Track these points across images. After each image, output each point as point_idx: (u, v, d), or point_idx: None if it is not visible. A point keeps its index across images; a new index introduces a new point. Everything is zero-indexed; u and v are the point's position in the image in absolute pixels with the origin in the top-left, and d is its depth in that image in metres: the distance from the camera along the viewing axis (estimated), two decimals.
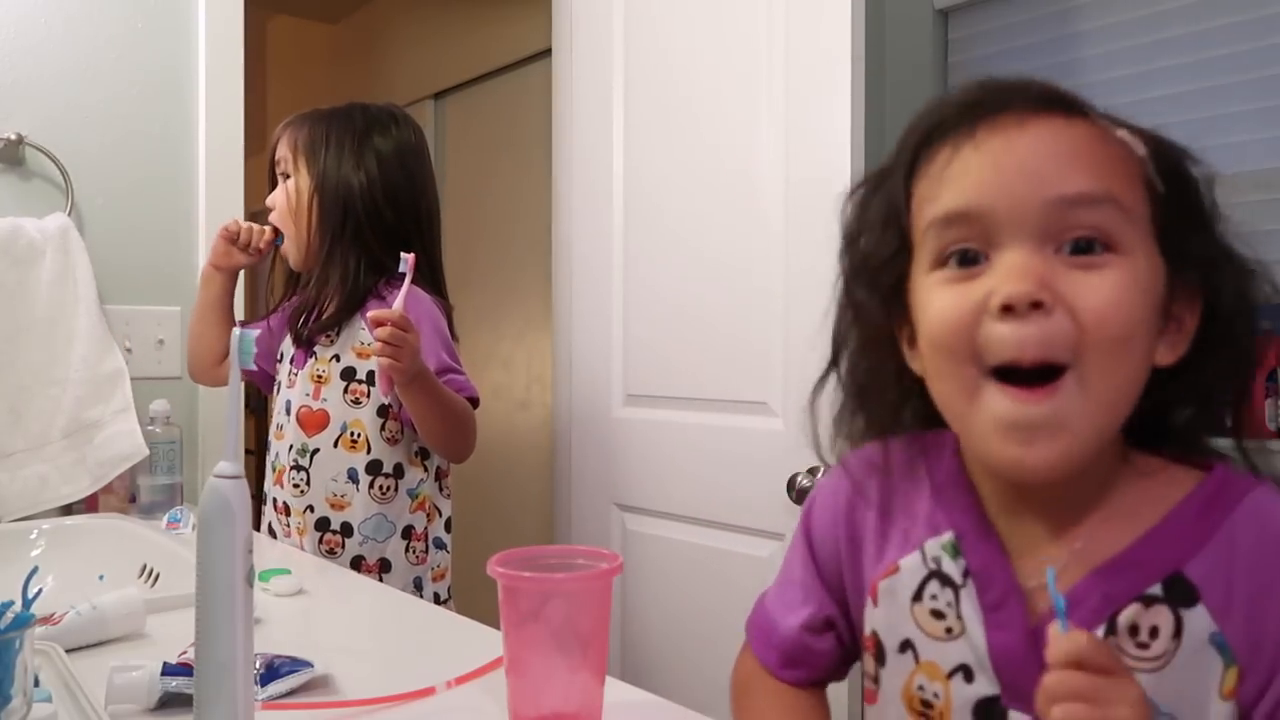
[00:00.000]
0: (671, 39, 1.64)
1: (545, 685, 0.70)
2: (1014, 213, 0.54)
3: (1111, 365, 0.53)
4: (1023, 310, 0.53)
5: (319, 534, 1.34)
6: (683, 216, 1.60)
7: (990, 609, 0.59)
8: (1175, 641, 0.54)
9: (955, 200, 0.57)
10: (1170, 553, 0.55)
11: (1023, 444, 0.54)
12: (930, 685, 0.61)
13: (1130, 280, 0.54)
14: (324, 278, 1.35)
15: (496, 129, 2.89)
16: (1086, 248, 0.54)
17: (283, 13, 3.94)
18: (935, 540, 0.63)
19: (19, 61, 1.61)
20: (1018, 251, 0.54)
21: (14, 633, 0.58)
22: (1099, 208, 0.54)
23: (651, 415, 1.67)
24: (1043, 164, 0.55)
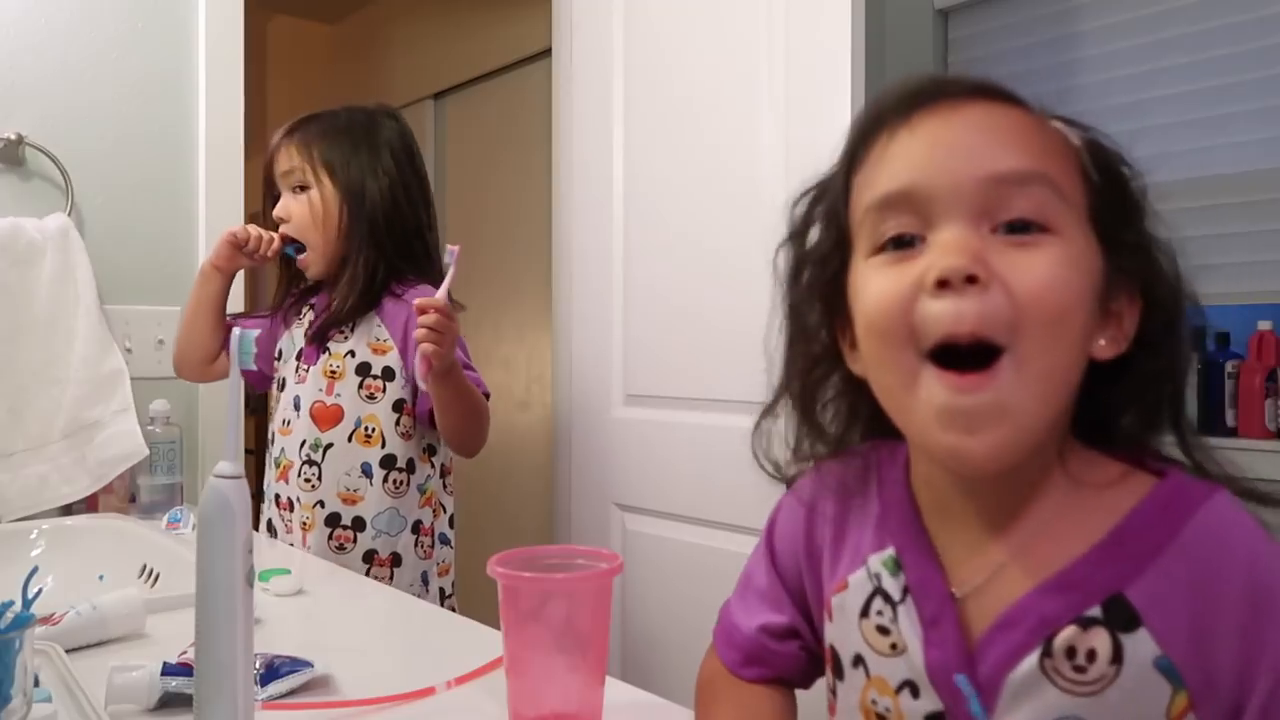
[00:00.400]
0: (671, 39, 1.64)
1: (545, 685, 0.70)
2: (949, 190, 0.54)
3: (1048, 344, 0.52)
4: (958, 284, 0.52)
5: (329, 529, 1.35)
6: (683, 216, 1.60)
7: (927, 625, 0.58)
8: (1114, 666, 0.52)
9: (891, 182, 0.56)
10: (1112, 572, 0.53)
11: (964, 432, 0.53)
12: (882, 700, 0.61)
13: (1066, 259, 0.53)
14: (346, 280, 1.38)
15: (496, 129, 2.89)
16: (1022, 228, 0.53)
17: (283, 13, 3.94)
18: (877, 556, 0.62)
19: (19, 61, 1.61)
20: (954, 229, 0.54)
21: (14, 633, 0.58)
22: (1034, 187, 0.54)
23: (651, 415, 1.67)
24: (977, 142, 0.55)
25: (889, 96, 0.59)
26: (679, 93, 1.62)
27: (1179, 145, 1.71)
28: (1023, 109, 0.58)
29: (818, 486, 0.69)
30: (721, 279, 1.52)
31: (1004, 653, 0.55)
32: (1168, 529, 0.53)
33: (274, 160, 1.40)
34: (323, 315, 1.39)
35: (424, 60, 3.21)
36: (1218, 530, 0.53)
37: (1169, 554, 0.53)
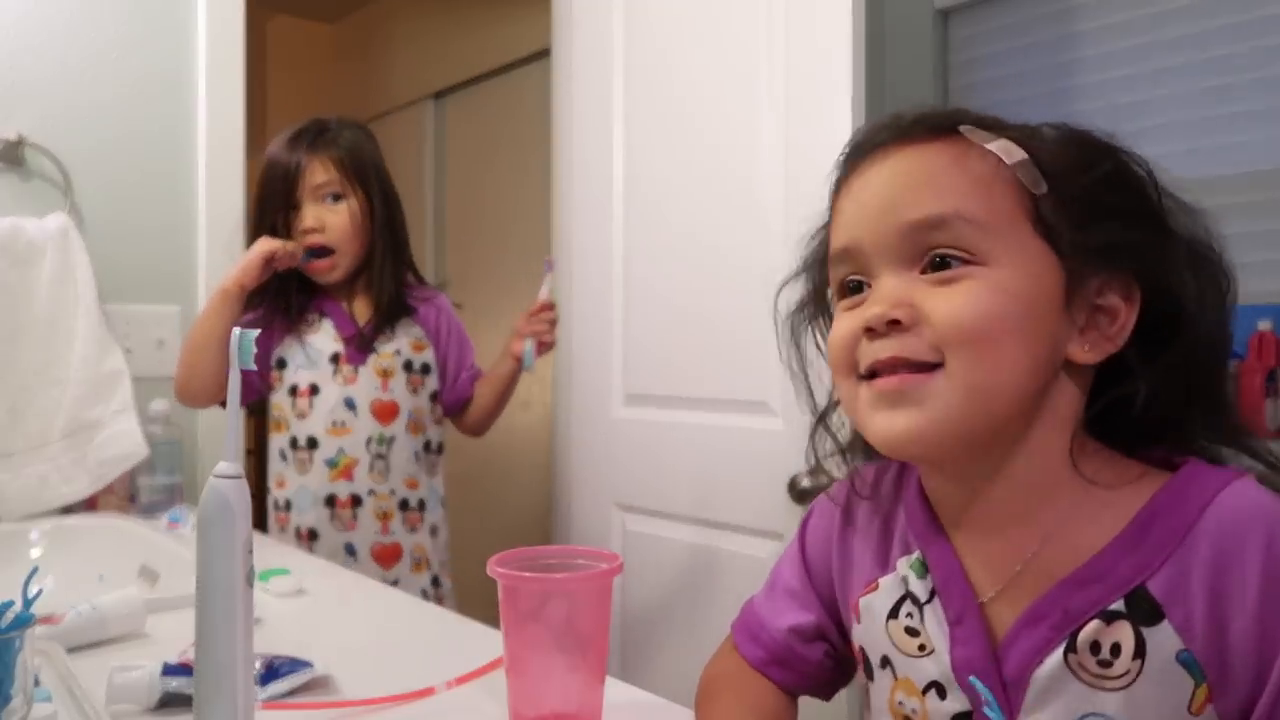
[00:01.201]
0: (671, 39, 1.64)
1: (545, 685, 0.70)
2: (876, 245, 0.60)
3: (975, 364, 0.56)
4: (882, 330, 0.58)
5: (403, 513, 1.48)
6: (683, 216, 1.60)
7: (953, 624, 0.60)
8: (1138, 660, 0.53)
9: (839, 239, 0.63)
10: (1133, 565, 0.54)
11: (888, 411, 0.58)
12: (909, 701, 0.62)
13: (988, 288, 0.56)
14: (376, 285, 1.50)
15: (496, 129, 2.89)
16: (943, 264, 0.58)
17: (283, 13, 3.94)
18: (905, 559, 0.65)
19: (19, 61, 1.61)
20: (885, 278, 0.60)
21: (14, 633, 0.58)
22: (947, 227, 0.57)
23: (651, 415, 1.67)
24: (893, 195, 0.60)
25: (848, 146, 0.65)
26: (679, 92, 1.62)
27: (1179, 145, 1.71)
28: (944, 143, 0.60)
29: (852, 490, 0.71)
30: (721, 278, 1.52)
31: (1029, 649, 0.56)
32: (1185, 519, 0.54)
33: (302, 172, 1.44)
34: (369, 322, 1.49)
35: (424, 60, 3.21)
36: (1235, 516, 0.53)
37: (1188, 544, 0.53)
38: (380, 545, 1.46)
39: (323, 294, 1.50)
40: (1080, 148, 0.60)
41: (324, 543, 1.45)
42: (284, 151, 1.46)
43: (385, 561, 1.46)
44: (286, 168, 1.45)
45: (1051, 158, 0.59)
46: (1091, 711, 0.54)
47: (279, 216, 1.46)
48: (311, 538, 1.44)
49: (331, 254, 1.46)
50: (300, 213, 1.45)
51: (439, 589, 1.52)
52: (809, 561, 0.73)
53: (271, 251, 1.40)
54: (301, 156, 1.45)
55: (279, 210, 1.45)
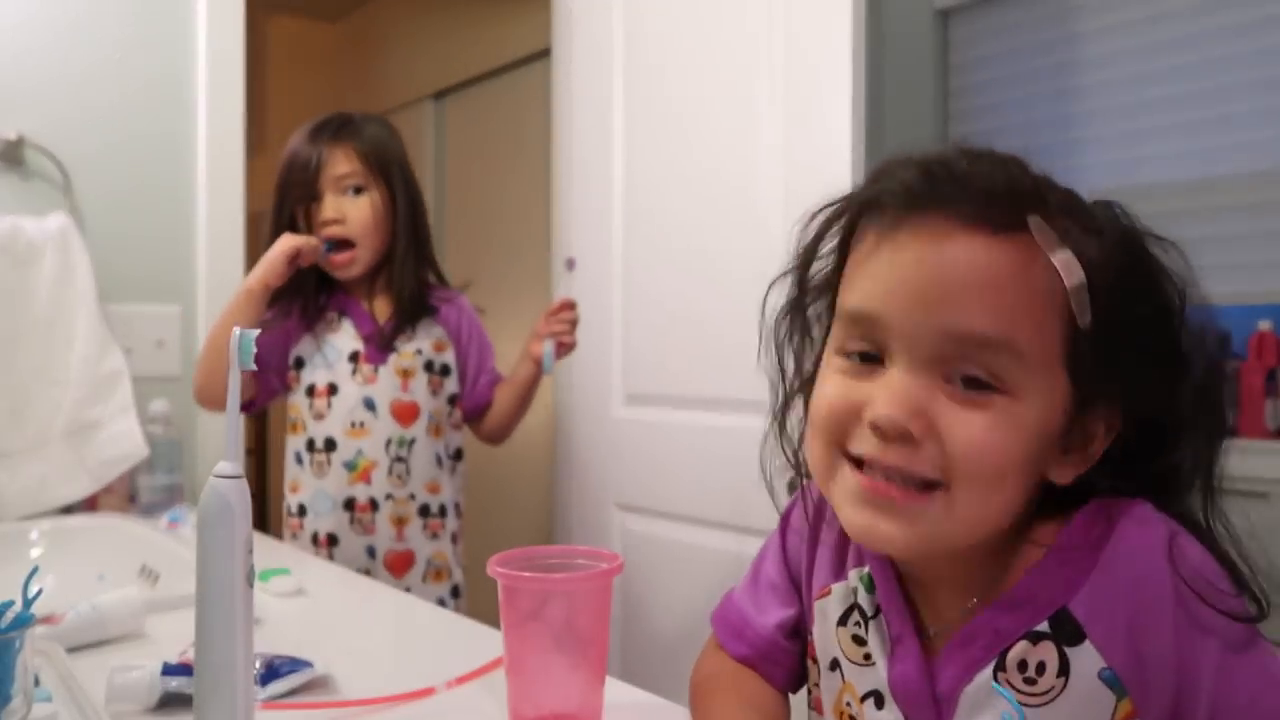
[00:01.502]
0: (671, 39, 1.64)
1: (545, 685, 0.70)
2: (907, 334, 0.55)
3: (979, 493, 0.54)
4: (891, 437, 0.54)
5: (423, 519, 1.43)
6: (683, 216, 1.60)
7: (893, 641, 0.62)
8: (1062, 678, 0.54)
9: (860, 301, 0.57)
10: (1055, 588, 0.56)
11: (871, 513, 0.56)
12: (852, 704, 0.64)
13: (1010, 423, 0.54)
14: (397, 283, 1.45)
15: (496, 129, 2.89)
16: (973, 384, 0.54)
17: (283, 13, 3.94)
18: (856, 571, 0.66)
19: (20, 61, 1.61)
20: (904, 371, 0.55)
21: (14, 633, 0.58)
22: (994, 352, 0.53)
23: (651, 415, 1.67)
24: (948, 292, 0.53)
25: (896, 179, 0.58)
26: (678, 92, 1.62)
27: (1179, 145, 1.71)
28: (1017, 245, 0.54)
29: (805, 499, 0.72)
30: (721, 279, 1.52)
31: (960, 668, 0.58)
32: (1094, 543, 0.56)
33: (324, 163, 1.40)
34: (390, 320, 1.44)
35: (424, 60, 3.21)
36: (1137, 539, 0.55)
37: (1100, 567, 0.55)
38: (393, 552, 1.41)
39: (342, 292, 1.46)
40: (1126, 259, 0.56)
41: (345, 548, 1.40)
42: (306, 143, 1.42)
43: (397, 569, 1.42)
44: (308, 158, 1.41)
45: (1099, 274, 0.54)
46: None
47: (299, 208, 1.42)
48: (331, 543, 1.40)
49: (351, 247, 1.41)
50: (320, 204, 1.41)
51: (459, 600, 1.48)
52: (789, 554, 0.74)
53: (295, 248, 1.36)
54: (323, 147, 1.41)
55: (299, 201, 1.42)
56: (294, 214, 1.42)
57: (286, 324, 1.44)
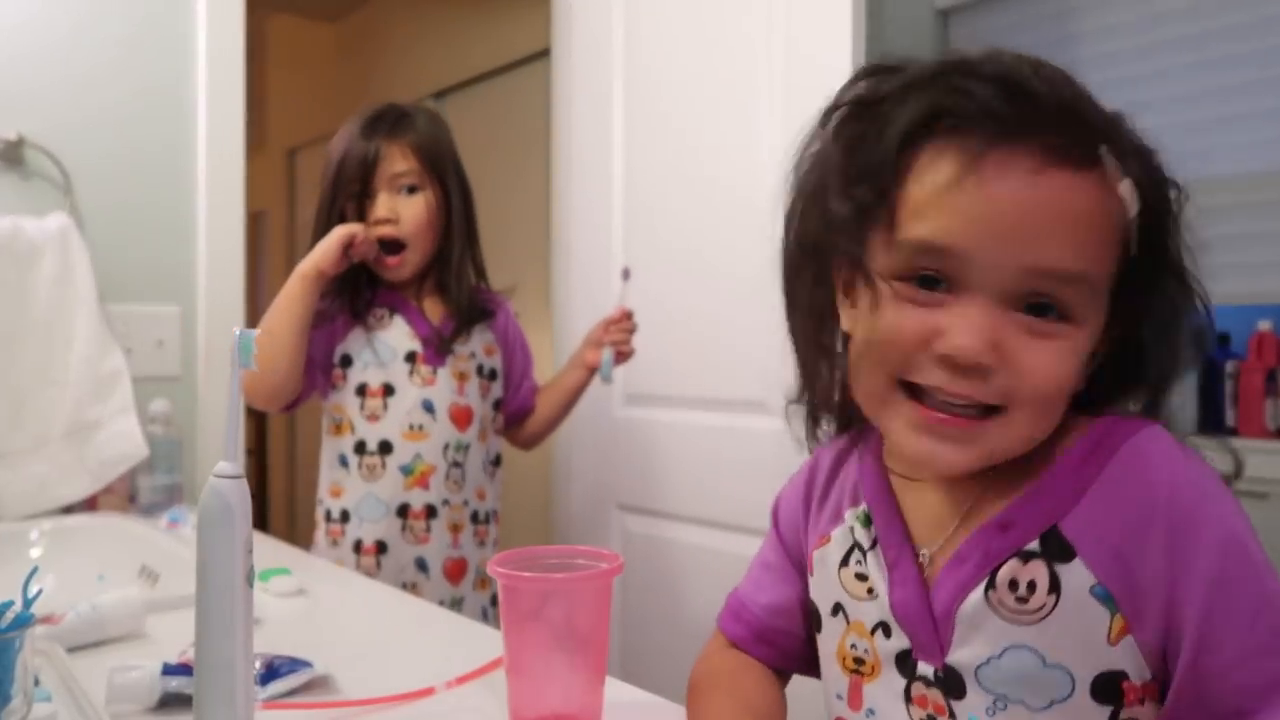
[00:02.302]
0: (670, 39, 1.64)
1: (545, 685, 0.70)
2: (991, 269, 0.55)
3: (1038, 416, 0.57)
4: (965, 370, 0.55)
5: (474, 526, 1.41)
6: (682, 216, 1.60)
7: (890, 568, 0.63)
8: (1053, 595, 0.56)
9: (938, 233, 0.55)
10: (1047, 508, 0.57)
11: (934, 441, 0.57)
12: (860, 643, 0.65)
13: (1072, 350, 0.56)
14: (459, 285, 1.42)
15: (496, 129, 2.89)
16: (1041, 310, 0.55)
17: (283, 12, 3.94)
18: (852, 511, 0.68)
19: (20, 61, 1.61)
20: (980, 303, 0.55)
21: (14, 633, 0.58)
22: (1073, 285, 0.55)
23: (651, 415, 1.67)
24: (1039, 229, 0.54)
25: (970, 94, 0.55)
26: (678, 92, 1.62)
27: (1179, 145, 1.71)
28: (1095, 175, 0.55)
29: (817, 459, 0.74)
30: (721, 278, 1.52)
31: (953, 588, 0.59)
32: (1097, 463, 0.57)
33: (380, 160, 1.35)
34: (448, 321, 1.41)
35: (424, 60, 3.22)
36: (1140, 459, 0.56)
37: (1097, 487, 0.56)
38: (450, 560, 1.37)
39: (390, 289, 1.41)
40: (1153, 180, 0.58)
41: (393, 556, 1.35)
42: (360, 137, 1.36)
43: (454, 577, 1.38)
44: (364, 154, 1.35)
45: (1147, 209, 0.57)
46: (1013, 644, 0.57)
47: (350, 205, 1.37)
48: (380, 550, 1.35)
49: (402, 249, 1.36)
50: (374, 202, 1.36)
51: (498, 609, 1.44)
52: (782, 534, 0.76)
53: (351, 235, 1.32)
54: (380, 143, 1.36)
55: (351, 198, 1.37)
56: (344, 210, 1.37)
57: (333, 319, 1.38)
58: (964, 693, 0.59)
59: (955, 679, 0.59)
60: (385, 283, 1.41)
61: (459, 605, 1.38)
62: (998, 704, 0.57)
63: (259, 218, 4.15)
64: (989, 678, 0.57)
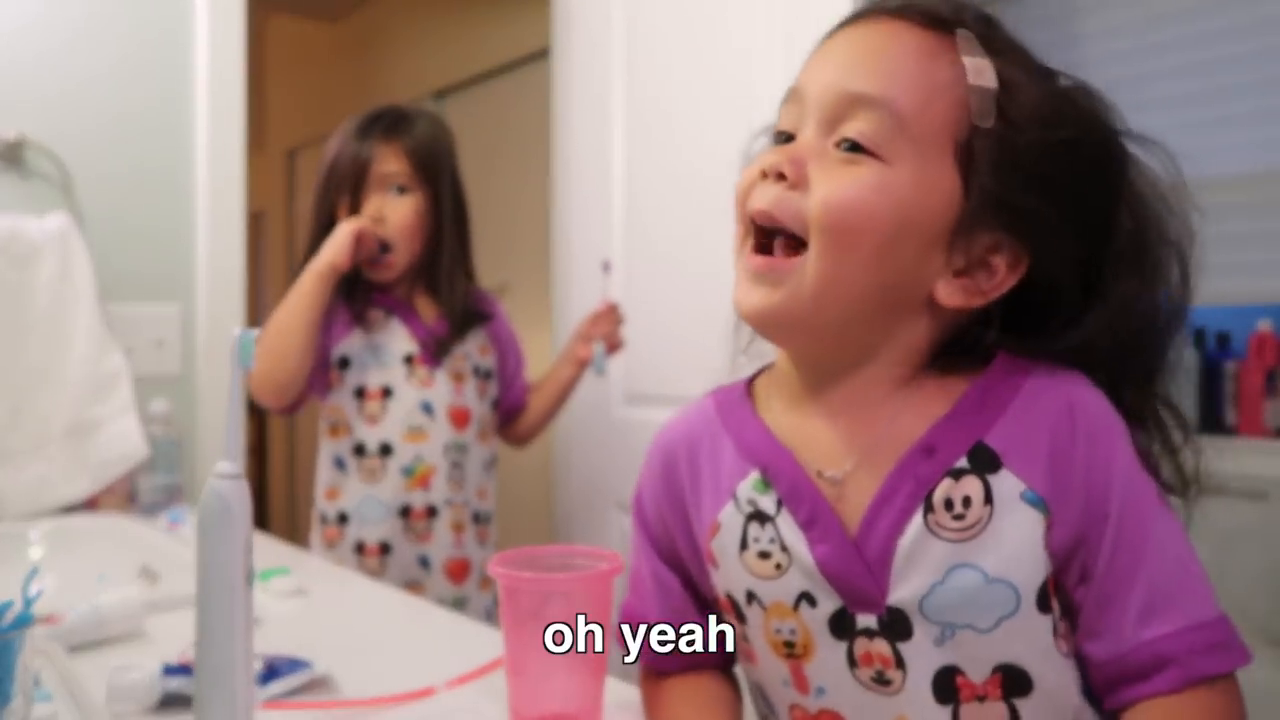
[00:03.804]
0: (670, 38, 1.64)
1: (545, 685, 0.70)
2: (813, 98, 0.60)
3: (833, 254, 0.57)
4: (772, 177, 0.59)
5: (476, 526, 1.41)
6: (681, 215, 1.61)
7: (806, 527, 0.61)
8: (987, 507, 0.57)
9: (795, 80, 0.63)
10: (970, 426, 0.58)
11: (750, 286, 0.60)
12: (784, 625, 0.63)
13: (875, 183, 0.56)
14: (451, 289, 1.42)
15: (496, 129, 2.89)
16: (852, 146, 0.57)
17: (283, 12, 3.94)
18: (745, 483, 0.64)
19: (21, 61, 1.61)
20: (804, 136, 0.60)
21: (14, 633, 0.58)
22: (874, 110, 0.57)
23: (651, 415, 1.67)
24: (849, 59, 0.60)
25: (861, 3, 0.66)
26: (678, 91, 1.62)
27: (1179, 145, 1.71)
28: (935, 36, 0.58)
29: (666, 445, 0.73)
30: (721, 278, 1.51)
31: (889, 524, 0.59)
32: (1012, 384, 0.59)
33: (371, 159, 1.36)
34: (440, 321, 1.41)
35: (424, 60, 3.22)
36: (1055, 377, 0.59)
37: (1017, 402, 0.58)
38: (453, 560, 1.38)
39: (385, 291, 1.41)
40: (1066, 108, 0.59)
41: (397, 557, 1.35)
42: (354, 137, 1.37)
43: (456, 577, 1.38)
44: (356, 154, 1.36)
45: (1025, 100, 0.57)
46: (956, 564, 0.57)
47: (342, 204, 1.37)
48: (384, 552, 1.35)
49: (387, 250, 1.37)
50: (365, 202, 1.36)
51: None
52: (652, 535, 0.72)
53: (359, 229, 1.32)
54: (373, 143, 1.36)
55: (342, 195, 1.37)
56: (335, 209, 1.38)
57: (332, 320, 1.38)
58: (910, 632, 0.58)
59: (900, 620, 0.58)
60: (380, 285, 1.41)
61: (462, 605, 1.38)
62: (945, 633, 0.57)
63: (259, 218, 4.15)
64: (934, 606, 0.57)
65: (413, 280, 1.43)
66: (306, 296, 1.31)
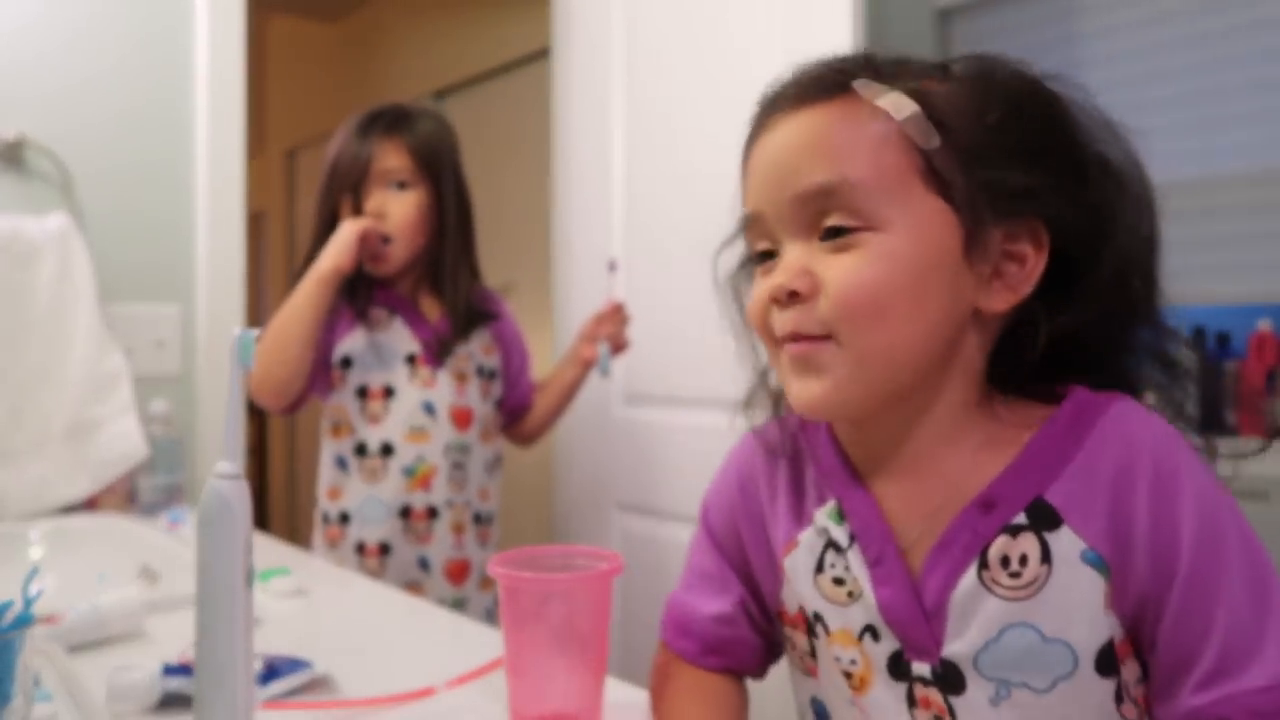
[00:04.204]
0: (670, 39, 1.64)
1: (545, 685, 0.70)
2: (776, 214, 0.60)
3: (861, 330, 0.57)
4: (784, 301, 0.59)
5: (477, 527, 1.41)
6: (681, 215, 1.61)
7: (873, 565, 0.62)
8: (1045, 566, 0.56)
9: (746, 208, 0.63)
10: (1031, 481, 0.57)
11: (800, 377, 0.60)
12: (845, 653, 0.63)
13: (875, 255, 0.57)
14: (455, 287, 1.41)
15: (496, 128, 2.89)
16: (836, 233, 0.58)
17: (283, 13, 3.94)
18: (822, 510, 0.66)
19: (21, 61, 1.61)
20: (789, 247, 0.60)
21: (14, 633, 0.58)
22: (837, 194, 0.57)
23: (651, 415, 1.67)
24: (786, 162, 0.60)
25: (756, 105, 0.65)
26: (678, 92, 1.62)
27: (1179, 145, 1.71)
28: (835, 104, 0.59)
29: (743, 456, 0.73)
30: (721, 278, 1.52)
31: (944, 575, 0.58)
32: (1075, 436, 0.57)
33: (373, 156, 1.35)
34: (444, 321, 1.40)
35: (424, 60, 3.22)
36: (1120, 429, 0.57)
37: (1079, 458, 0.57)
38: (452, 561, 1.38)
39: (388, 289, 1.41)
40: (982, 88, 0.59)
41: (397, 557, 1.35)
42: (356, 135, 1.37)
43: (456, 578, 1.38)
44: (357, 151, 1.36)
45: (947, 104, 0.58)
46: (1011, 623, 0.56)
47: (344, 201, 1.37)
48: (383, 552, 1.35)
49: (388, 243, 1.36)
50: (367, 198, 1.36)
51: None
52: (718, 540, 0.74)
53: (363, 229, 1.32)
54: (374, 140, 1.36)
55: (344, 193, 1.36)
56: (338, 206, 1.37)
57: (335, 319, 1.37)
58: (964, 686, 0.57)
59: (953, 673, 0.58)
60: (384, 283, 1.40)
61: (462, 606, 1.38)
62: (1000, 691, 0.56)
63: (259, 218, 4.15)
64: (989, 664, 0.57)
65: (417, 279, 1.43)
66: (309, 299, 1.30)
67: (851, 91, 0.59)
